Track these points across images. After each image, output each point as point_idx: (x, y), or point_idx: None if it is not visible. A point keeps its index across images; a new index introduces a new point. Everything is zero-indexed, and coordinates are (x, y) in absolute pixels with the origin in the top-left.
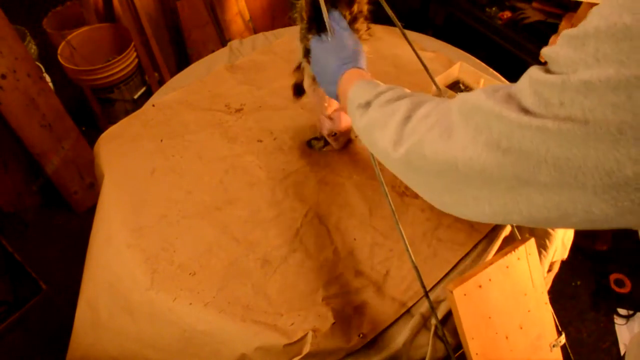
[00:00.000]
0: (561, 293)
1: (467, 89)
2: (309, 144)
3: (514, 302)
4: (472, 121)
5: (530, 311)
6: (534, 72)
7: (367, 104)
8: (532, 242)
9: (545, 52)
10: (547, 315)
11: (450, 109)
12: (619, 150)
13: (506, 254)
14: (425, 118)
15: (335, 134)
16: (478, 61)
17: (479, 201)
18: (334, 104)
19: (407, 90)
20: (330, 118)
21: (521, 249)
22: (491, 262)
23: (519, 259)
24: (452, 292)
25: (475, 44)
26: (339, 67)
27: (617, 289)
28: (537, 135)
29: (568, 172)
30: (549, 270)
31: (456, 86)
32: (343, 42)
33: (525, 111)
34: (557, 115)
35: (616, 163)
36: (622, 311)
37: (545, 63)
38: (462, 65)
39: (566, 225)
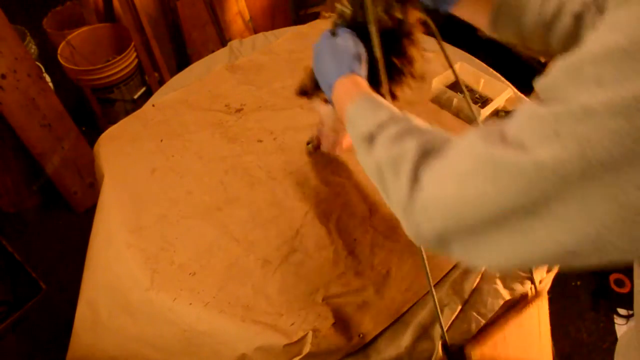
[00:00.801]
0: (561, 293)
1: (467, 89)
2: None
3: (522, 355)
4: (480, 169)
5: None
6: (527, 106)
7: (371, 138)
8: (544, 296)
9: (539, 85)
10: None
11: (458, 154)
12: (621, 178)
13: (521, 310)
14: (435, 166)
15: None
16: (478, 61)
17: (496, 244)
18: (348, 142)
19: (407, 118)
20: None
21: (534, 304)
22: (507, 320)
23: (531, 314)
24: (471, 355)
25: (475, 44)
26: (337, 69)
27: (617, 289)
28: (536, 171)
29: (573, 204)
30: (549, 271)
31: (456, 86)
32: (346, 42)
33: (522, 147)
34: (554, 147)
35: (621, 191)
36: (622, 311)
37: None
38: (462, 65)
39: (576, 263)
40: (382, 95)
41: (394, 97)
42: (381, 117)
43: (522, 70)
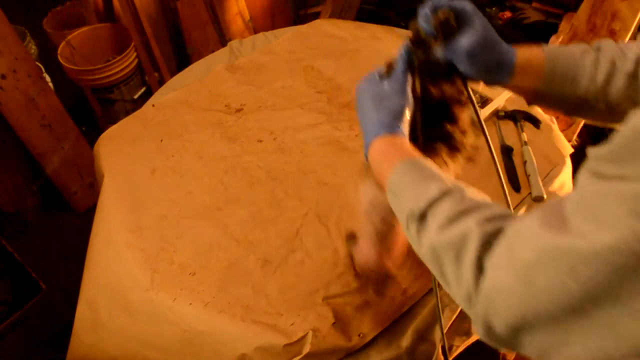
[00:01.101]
0: None
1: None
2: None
3: None
4: (549, 260)
5: None
6: (588, 183)
7: (422, 217)
8: None
9: (600, 154)
10: None
11: (522, 243)
12: None
13: None
14: (500, 254)
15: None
16: None
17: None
18: (400, 251)
19: (460, 189)
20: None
21: None
22: None
23: None
24: None
25: None
26: (378, 123)
27: None
28: (615, 255)
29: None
30: None
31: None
32: (394, 91)
33: (597, 229)
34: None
35: None
36: None
37: None
38: None
39: None
40: (431, 154)
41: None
42: (432, 192)
43: None
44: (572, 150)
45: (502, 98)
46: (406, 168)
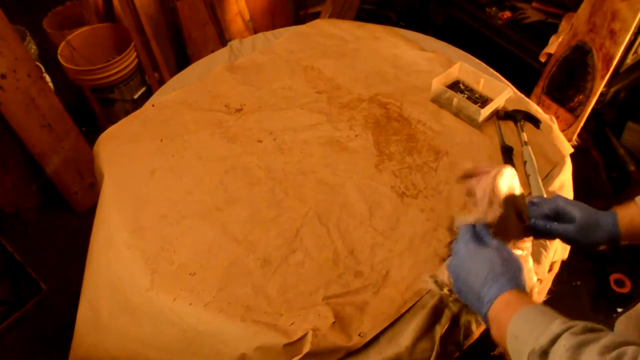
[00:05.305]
0: (561, 293)
1: (467, 89)
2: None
3: None
4: None
5: None
6: None
7: (544, 354)
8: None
9: None
10: None
11: None
12: None
13: None
14: None
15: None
16: (478, 61)
17: None
18: None
19: (584, 325)
20: None
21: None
22: None
23: None
24: None
25: (475, 44)
26: (493, 281)
27: (617, 289)
28: None
29: None
30: (549, 270)
31: (456, 86)
32: (499, 252)
33: None
34: None
35: None
36: (622, 311)
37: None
38: (462, 65)
39: None
40: None
41: None
42: (554, 329)
43: (522, 70)
44: (572, 150)
45: (502, 98)
46: (530, 311)
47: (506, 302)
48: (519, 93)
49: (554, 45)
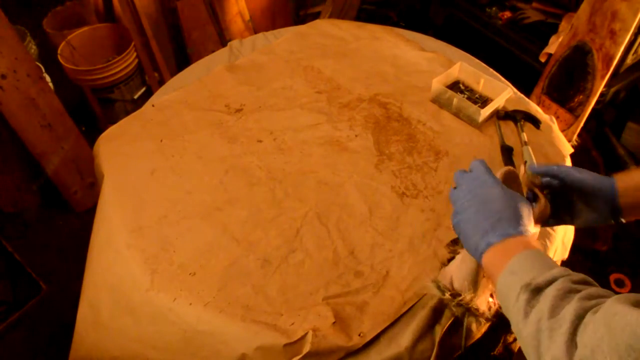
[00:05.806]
0: None
1: (467, 89)
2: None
3: None
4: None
5: None
6: None
7: (537, 290)
8: None
9: None
10: None
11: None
12: None
13: None
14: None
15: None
16: (478, 61)
17: None
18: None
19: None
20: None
21: None
22: None
23: None
24: None
25: (475, 44)
26: (491, 227)
27: (617, 289)
28: None
29: None
30: None
31: (456, 86)
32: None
33: None
34: None
35: None
36: None
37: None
38: (462, 65)
39: None
40: None
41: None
42: (553, 274)
43: (522, 70)
44: (572, 150)
45: (502, 98)
46: (532, 254)
47: (516, 242)
48: (519, 93)
49: (554, 46)
